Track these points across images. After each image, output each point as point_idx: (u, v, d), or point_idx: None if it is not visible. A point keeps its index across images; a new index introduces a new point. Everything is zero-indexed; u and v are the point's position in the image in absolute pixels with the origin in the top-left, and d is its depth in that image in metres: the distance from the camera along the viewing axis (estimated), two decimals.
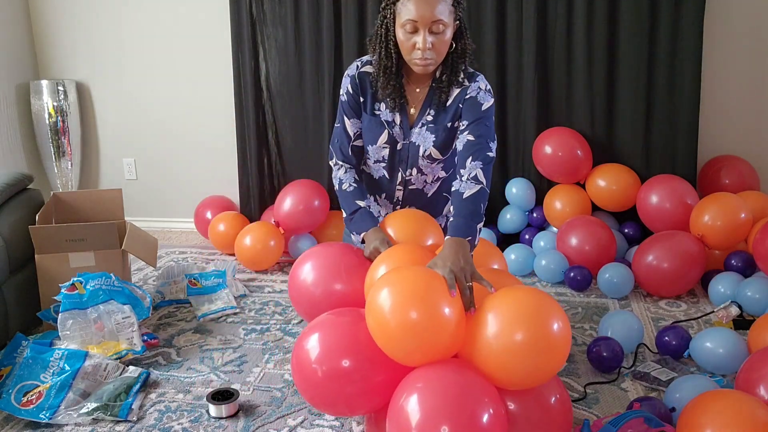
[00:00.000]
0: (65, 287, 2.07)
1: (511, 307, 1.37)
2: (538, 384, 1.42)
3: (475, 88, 1.87)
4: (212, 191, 3.56)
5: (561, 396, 1.49)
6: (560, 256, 2.71)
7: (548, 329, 1.34)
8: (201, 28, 3.44)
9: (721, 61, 2.99)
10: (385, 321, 1.37)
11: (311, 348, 1.49)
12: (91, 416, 1.78)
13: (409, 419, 1.29)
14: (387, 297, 1.37)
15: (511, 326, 1.34)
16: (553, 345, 1.35)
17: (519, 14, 2.97)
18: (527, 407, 1.42)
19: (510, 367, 1.35)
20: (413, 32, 1.73)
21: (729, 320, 2.22)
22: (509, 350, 1.33)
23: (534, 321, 1.34)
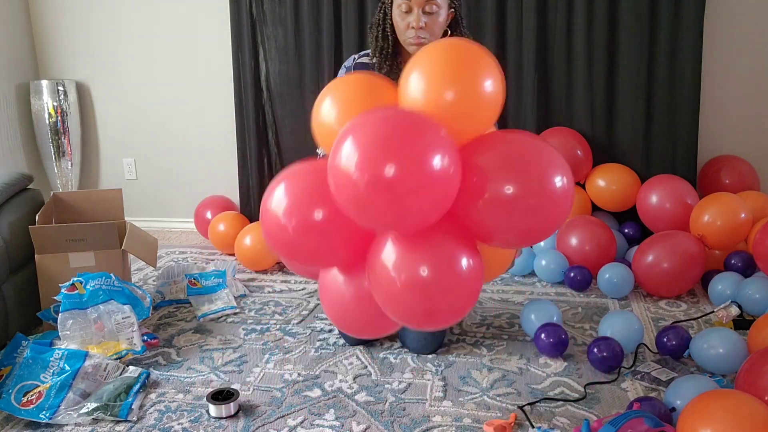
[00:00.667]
0: (65, 287, 2.08)
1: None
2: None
3: None
4: (212, 191, 3.57)
5: (567, 176, 1.34)
6: (560, 256, 2.72)
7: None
8: (201, 28, 3.44)
9: (721, 61, 2.99)
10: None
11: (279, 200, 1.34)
12: (91, 416, 1.78)
13: (348, 163, 1.13)
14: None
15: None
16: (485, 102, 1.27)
17: (519, 14, 2.97)
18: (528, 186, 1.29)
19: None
20: (407, 12, 1.82)
21: (729, 320, 2.21)
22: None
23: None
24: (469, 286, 1.29)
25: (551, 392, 1.88)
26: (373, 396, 1.87)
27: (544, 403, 1.82)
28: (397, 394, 1.88)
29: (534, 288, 2.73)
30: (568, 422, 1.73)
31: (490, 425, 1.69)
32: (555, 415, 1.76)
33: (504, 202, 1.25)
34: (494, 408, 1.80)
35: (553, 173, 1.27)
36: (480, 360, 2.08)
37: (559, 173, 1.28)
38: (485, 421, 1.72)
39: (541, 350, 2.09)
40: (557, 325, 2.10)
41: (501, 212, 1.26)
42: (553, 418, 1.75)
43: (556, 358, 2.08)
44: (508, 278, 2.84)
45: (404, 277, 1.23)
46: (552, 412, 1.78)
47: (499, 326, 2.34)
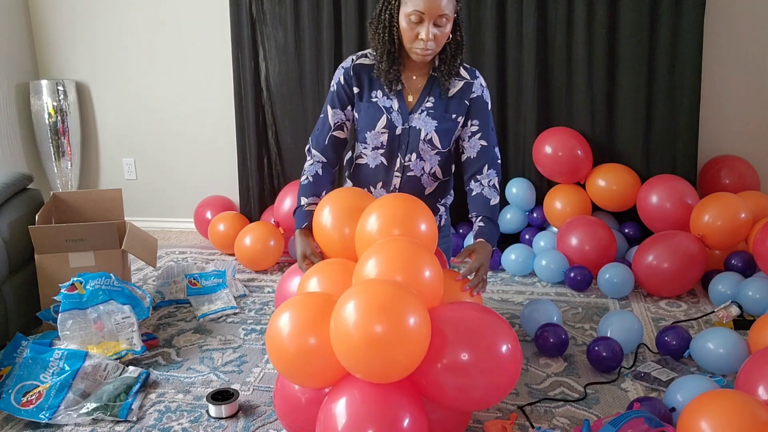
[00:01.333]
0: (65, 287, 2.07)
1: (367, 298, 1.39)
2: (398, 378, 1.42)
3: (479, 86, 1.95)
4: (212, 191, 3.56)
5: (512, 346, 1.47)
6: (560, 256, 2.71)
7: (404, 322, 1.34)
8: (201, 28, 3.44)
9: (721, 61, 2.99)
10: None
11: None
12: (90, 416, 1.78)
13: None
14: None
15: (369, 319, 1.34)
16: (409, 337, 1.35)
17: (519, 14, 2.97)
18: (478, 356, 1.42)
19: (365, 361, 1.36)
20: (418, 23, 1.79)
21: (729, 320, 2.21)
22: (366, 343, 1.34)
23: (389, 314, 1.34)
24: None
25: (551, 392, 1.88)
26: None
27: (544, 403, 1.82)
28: None
29: (534, 288, 2.72)
30: (568, 422, 1.73)
31: (490, 426, 1.69)
32: (555, 415, 1.76)
33: (459, 366, 1.41)
34: (494, 408, 1.80)
35: (500, 342, 1.44)
36: None
37: (506, 341, 1.44)
38: (485, 422, 1.72)
39: (541, 350, 2.09)
40: (557, 325, 2.10)
41: (455, 375, 1.41)
42: (553, 418, 1.75)
43: (556, 358, 2.08)
44: (508, 278, 2.84)
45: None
46: (552, 412, 1.78)
47: None
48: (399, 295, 1.36)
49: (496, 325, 1.48)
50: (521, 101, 3.07)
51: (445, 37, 1.83)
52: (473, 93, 1.93)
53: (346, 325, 1.33)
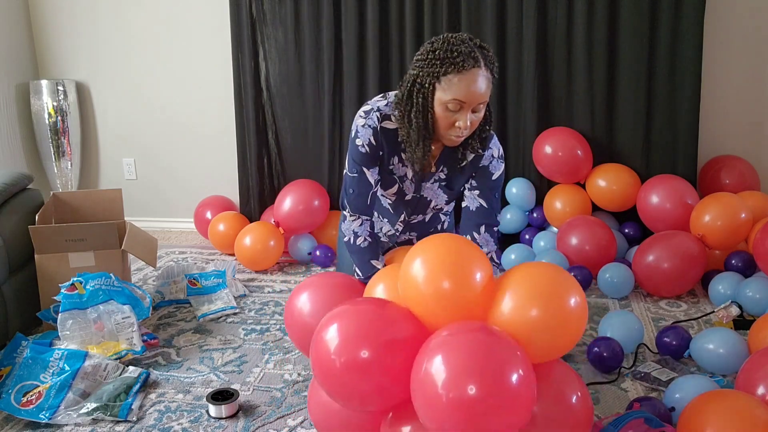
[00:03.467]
0: (65, 287, 2.07)
1: (528, 283, 1.36)
2: (553, 358, 1.40)
3: (488, 156, 1.86)
4: (212, 191, 3.56)
5: (582, 394, 1.44)
6: (560, 256, 2.71)
7: (565, 305, 1.32)
8: (201, 28, 3.44)
9: (721, 61, 2.99)
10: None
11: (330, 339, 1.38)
12: (90, 416, 1.78)
13: (434, 381, 1.22)
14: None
15: (528, 302, 1.32)
16: (569, 320, 1.33)
17: (519, 14, 2.97)
18: (548, 406, 1.37)
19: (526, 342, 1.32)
20: (456, 111, 1.67)
21: (729, 320, 2.21)
22: (527, 325, 1.31)
23: (550, 297, 1.33)
24: None
25: None
26: None
27: None
28: None
29: None
30: None
31: None
32: None
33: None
34: None
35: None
36: None
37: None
38: None
39: None
40: None
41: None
42: None
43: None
44: None
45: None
46: None
47: None
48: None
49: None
50: (521, 101, 3.07)
51: (479, 120, 1.73)
52: (481, 164, 1.86)
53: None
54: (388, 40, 3.12)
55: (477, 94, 1.65)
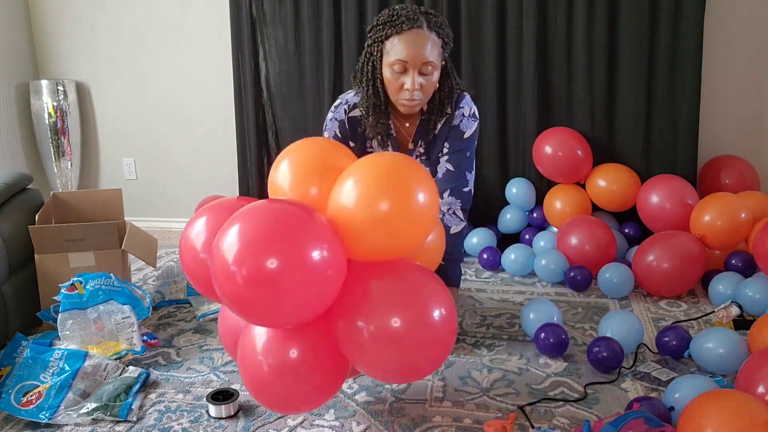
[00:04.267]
0: (65, 287, 2.07)
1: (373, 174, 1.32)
2: (399, 255, 1.36)
3: (459, 115, 1.87)
4: (212, 191, 3.56)
5: (447, 311, 1.41)
6: (560, 256, 2.71)
7: (412, 200, 1.29)
8: (201, 28, 3.44)
9: (721, 61, 2.99)
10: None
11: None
12: (90, 416, 1.78)
13: (224, 254, 1.19)
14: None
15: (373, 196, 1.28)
16: (416, 216, 1.31)
17: (519, 14, 2.97)
18: (400, 314, 1.31)
19: (369, 236, 1.29)
20: (402, 72, 1.72)
21: (729, 320, 2.21)
22: (372, 219, 1.28)
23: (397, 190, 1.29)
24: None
25: (551, 392, 1.88)
26: (372, 396, 1.87)
27: (544, 404, 1.82)
28: (396, 394, 1.88)
29: (534, 288, 2.73)
30: (568, 422, 1.73)
31: (490, 426, 1.69)
32: (555, 415, 1.76)
33: (385, 335, 1.28)
34: (494, 408, 1.80)
35: (433, 307, 1.31)
36: (480, 360, 2.08)
37: (441, 306, 1.32)
38: (485, 422, 1.72)
39: (541, 350, 2.09)
40: (557, 325, 2.10)
41: (379, 343, 1.29)
42: (553, 419, 1.75)
43: (556, 358, 2.08)
44: (508, 278, 2.84)
45: (271, 362, 1.33)
46: (552, 413, 1.78)
47: (499, 326, 2.34)
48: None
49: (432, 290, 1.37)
50: (521, 101, 3.07)
51: (432, 86, 1.75)
52: (453, 122, 1.88)
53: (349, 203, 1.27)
54: None
55: (418, 54, 1.68)
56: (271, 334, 1.35)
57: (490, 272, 2.91)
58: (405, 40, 1.68)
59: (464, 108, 1.87)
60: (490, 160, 3.15)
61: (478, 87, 3.08)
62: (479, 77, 3.08)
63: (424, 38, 1.70)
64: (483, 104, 3.10)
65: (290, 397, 1.39)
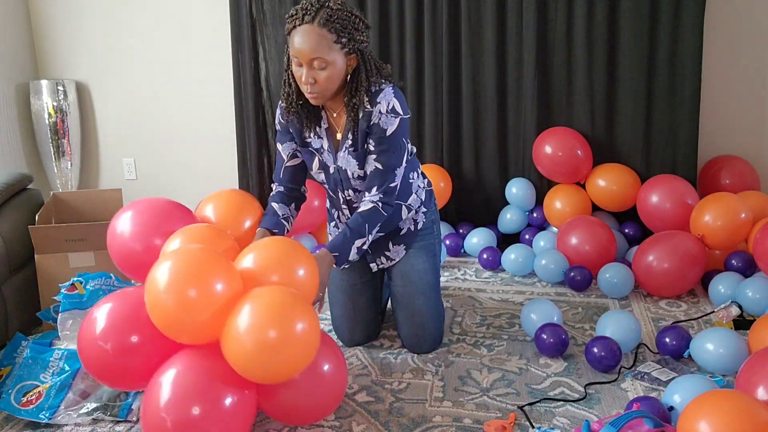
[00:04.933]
0: (65, 287, 2.07)
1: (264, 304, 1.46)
2: (284, 380, 1.53)
3: (377, 113, 1.86)
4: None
5: (335, 363, 1.66)
6: (560, 256, 2.71)
7: (293, 328, 1.44)
8: (201, 28, 3.44)
9: (721, 61, 2.99)
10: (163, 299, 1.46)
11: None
12: (90, 416, 1.78)
13: (159, 399, 1.44)
14: (164, 274, 1.47)
15: (263, 324, 1.42)
16: (298, 342, 1.45)
17: (519, 14, 2.97)
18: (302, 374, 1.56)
19: (258, 363, 1.44)
20: (299, 66, 1.77)
21: (729, 320, 2.21)
22: (261, 346, 1.42)
23: (283, 319, 1.43)
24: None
25: (551, 392, 1.88)
26: (372, 396, 1.87)
27: (544, 403, 1.82)
28: (396, 394, 1.88)
29: (534, 288, 2.73)
30: (568, 422, 1.73)
31: (490, 425, 1.69)
32: (555, 415, 1.76)
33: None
34: (494, 408, 1.80)
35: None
36: (480, 360, 2.08)
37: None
38: (485, 422, 1.72)
39: (541, 350, 2.09)
40: (557, 325, 2.10)
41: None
42: (553, 418, 1.75)
43: (556, 358, 2.08)
44: (508, 278, 2.84)
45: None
46: (552, 412, 1.78)
47: (499, 326, 2.34)
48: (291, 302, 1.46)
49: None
50: (521, 101, 3.07)
51: (329, 80, 1.77)
52: (372, 120, 1.87)
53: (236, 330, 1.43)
54: (388, 40, 3.13)
55: (303, 51, 1.73)
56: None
57: (490, 272, 2.91)
58: (296, 36, 1.74)
59: (381, 104, 1.85)
60: (490, 160, 3.15)
61: (478, 87, 3.08)
62: (479, 77, 3.07)
63: (311, 34, 1.72)
64: (483, 104, 3.10)
65: None
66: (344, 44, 1.77)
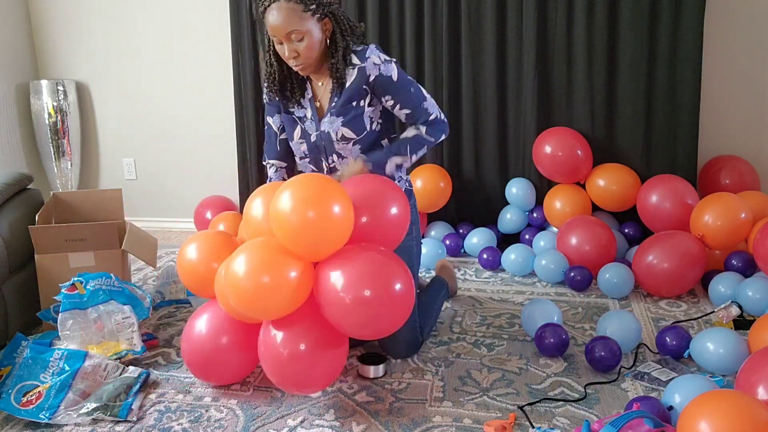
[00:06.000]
0: (65, 287, 2.07)
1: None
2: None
3: (372, 65, 1.94)
4: (212, 191, 3.56)
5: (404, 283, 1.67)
6: (560, 256, 2.71)
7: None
8: (201, 29, 3.44)
9: (721, 61, 2.99)
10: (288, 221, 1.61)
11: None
12: (90, 416, 1.78)
13: (335, 287, 1.60)
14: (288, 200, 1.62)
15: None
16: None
17: (519, 14, 2.97)
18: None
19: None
20: (279, 43, 1.86)
21: (729, 320, 2.21)
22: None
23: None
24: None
25: (551, 392, 1.88)
26: (372, 396, 1.87)
27: (544, 403, 1.82)
28: (396, 394, 1.88)
29: (534, 288, 2.73)
30: (568, 422, 1.73)
31: (490, 425, 1.69)
32: (555, 415, 1.76)
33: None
34: (494, 408, 1.80)
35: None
36: (480, 360, 2.08)
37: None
38: (485, 422, 1.72)
39: (542, 350, 2.09)
40: (557, 325, 2.10)
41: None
42: (553, 418, 1.75)
43: (556, 358, 2.08)
44: (508, 278, 2.84)
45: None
46: (552, 412, 1.78)
47: (499, 326, 2.34)
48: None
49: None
50: (521, 101, 3.07)
51: (309, 49, 1.86)
52: (369, 75, 1.94)
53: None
54: (388, 40, 3.13)
55: (278, 27, 1.82)
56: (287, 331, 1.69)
57: (490, 272, 2.91)
58: (269, 16, 1.83)
59: (371, 58, 1.94)
60: (490, 160, 3.15)
61: (478, 87, 3.08)
62: (479, 77, 3.07)
63: (281, 10, 1.81)
64: (483, 104, 3.10)
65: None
66: (314, 11, 1.84)
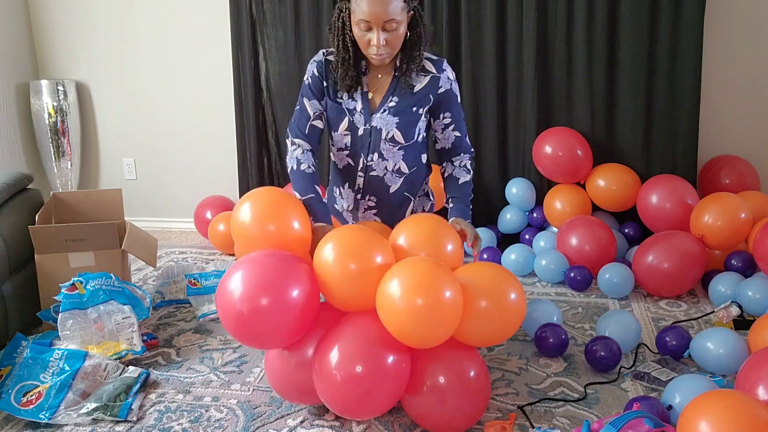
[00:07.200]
0: (65, 287, 2.07)
1: (412, 275, 1.56)
2: (434, 344, 1.60)
3: (446, 79, 1.96)
4: (212, 191, 3.56)
5: (479, 370, 1.66)
6: (560, 256, 2.71)
7: (441, 297, 1.53)
8: (201, 28, 3.44)
9: (721, 61, 2.99)
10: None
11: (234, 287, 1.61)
12: (90, 416, 1.78)
13: (330, 360, 1.57)
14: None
15: (411, 293, 1.53)
16: (445, 310, 1.53)
17: (519, 14, 2.97)
18: (450, 380, 1.62)
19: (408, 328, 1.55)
20: (368, 30, 1.81)
21: (729, 320, 2.22)
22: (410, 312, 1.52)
23: (430, 288, 1.53)
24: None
25: (551, 392, 1.88)
26: None
27: (544, 403, 1.82)
28: None
29: (534, 288, 2.73)
30: (568, 422, 1.73)
31: (490, 426, 1.69)
32: (555, 415, 1.76)
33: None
34: (494, 408, 1.80)
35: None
36: None
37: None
38: (485, 422, 1.72)
39: (541, 350, 2.09)
40: (557, 325, 2.11)
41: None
42: (553, 418, 1.75)
43: (556, 358, 2.08)
44: None
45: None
46: (552, 412, 1.78)
47: None
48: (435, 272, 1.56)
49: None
50: (521, 101, 3.07)
51: (398, 39, 1.84)
52: (441, 87, 1.94)
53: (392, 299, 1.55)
54: None
55: (379, 13, 1.77)
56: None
57: None
58: (366, 2, 1.78)
59: (447, 71, 1.97)
60: (490, 160, 3.15)
61: (478, 87, 3.08)
62: (479, 77, 3.07)
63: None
64: (483, 104, 3.10)
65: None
66: (409, 3, 1.84)
